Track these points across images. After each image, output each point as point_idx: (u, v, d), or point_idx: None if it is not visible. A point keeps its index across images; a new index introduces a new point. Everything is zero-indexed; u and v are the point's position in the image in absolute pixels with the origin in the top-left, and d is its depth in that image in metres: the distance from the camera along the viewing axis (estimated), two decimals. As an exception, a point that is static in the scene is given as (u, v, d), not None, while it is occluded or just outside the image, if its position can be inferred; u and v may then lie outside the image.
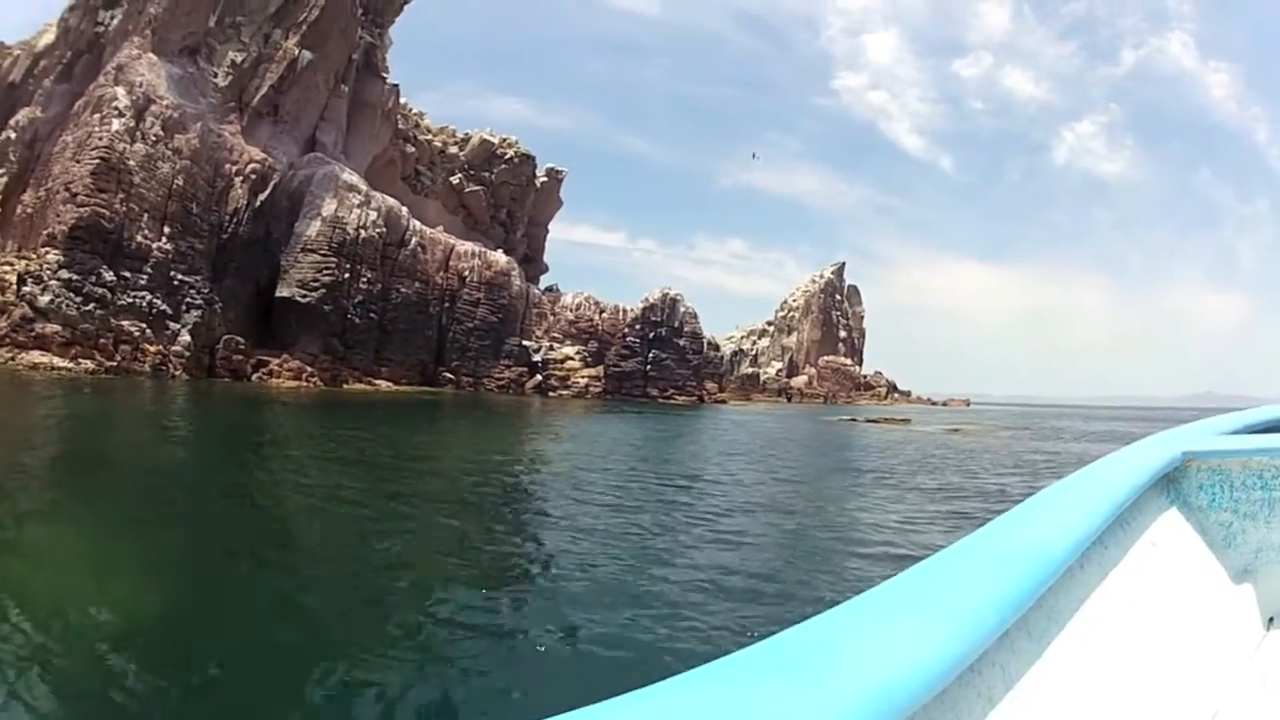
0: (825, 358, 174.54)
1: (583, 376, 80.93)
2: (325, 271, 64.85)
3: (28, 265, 53.90)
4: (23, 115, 64.77)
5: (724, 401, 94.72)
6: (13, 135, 63.74)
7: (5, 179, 62.39)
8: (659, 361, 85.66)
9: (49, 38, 68.75)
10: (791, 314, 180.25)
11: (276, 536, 13.21)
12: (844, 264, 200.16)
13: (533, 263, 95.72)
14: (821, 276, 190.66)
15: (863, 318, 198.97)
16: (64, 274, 52.51)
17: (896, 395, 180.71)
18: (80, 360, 50.58)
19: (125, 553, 11.17)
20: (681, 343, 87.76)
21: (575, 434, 37.68)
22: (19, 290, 52.37)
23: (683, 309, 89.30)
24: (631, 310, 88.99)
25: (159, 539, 12.16)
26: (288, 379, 60.97)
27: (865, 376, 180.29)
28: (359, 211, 68.04)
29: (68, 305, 51.69)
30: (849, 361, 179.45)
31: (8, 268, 55.01)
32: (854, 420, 69.20)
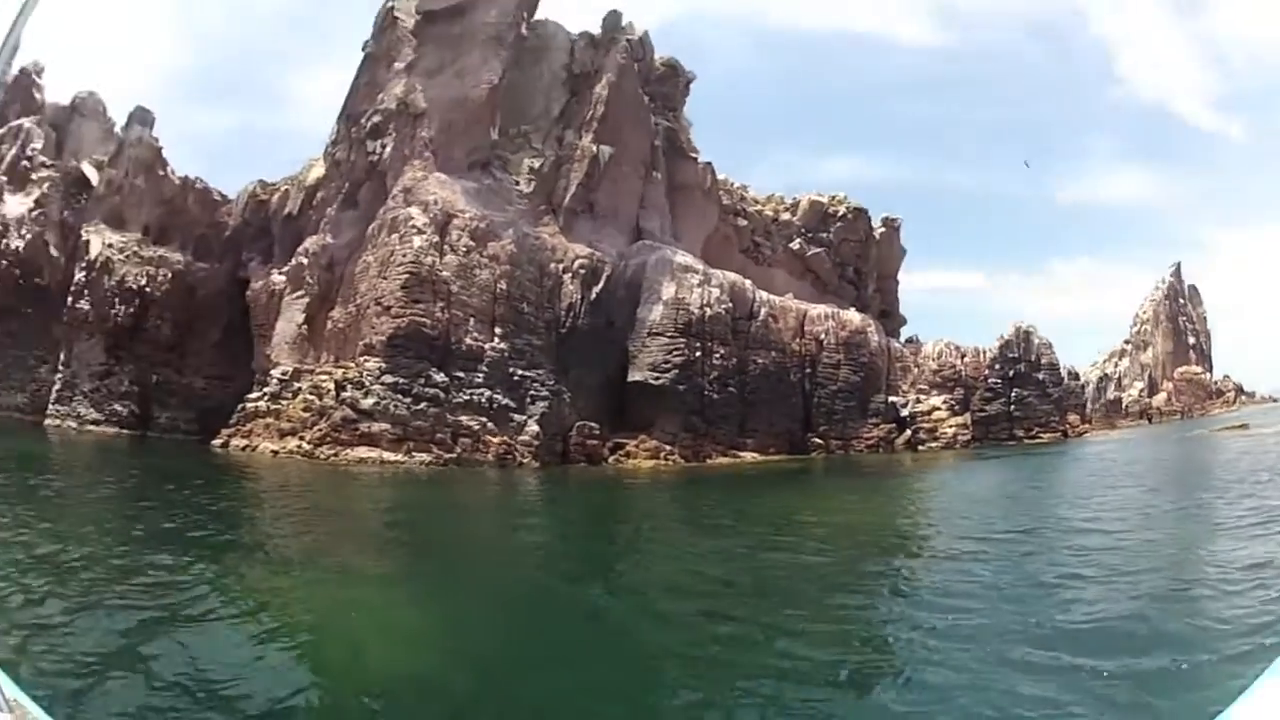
0: (1179, 369, 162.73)
1: (950, 426, 74.80)
2: (675, 353, 63.08)
3: (345, 373, 55.04)
4: (312, 243, 66.45)
5: (1084, 433, 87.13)
6: (305, 261, 65.49)
7: (308, 299, 64.16)
8: (1021, 400, 79.96)
9: (318, 172, 71.74)
10: (1144, 328, 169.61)
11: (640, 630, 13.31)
12: (1179, 264, 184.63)
13: (889, 316, 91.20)
14: (1164, 282, 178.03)
15: (1205, 319, 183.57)
16: (387, 378, 53.10)
17: (1243, 398, 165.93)
18: (413, 454, 50.89)
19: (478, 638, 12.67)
20: (1040, 376, 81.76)
21: (938, 489, 38.94)
22: (338, 395, 53.57)
23: (1037, 341, 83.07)
24: (989, 351, 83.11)
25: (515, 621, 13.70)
26: (644, 458, 59.56)
27: (1215, 383, 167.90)
28: (700, 291, 66.19)
29: (395, 406, 52.12)
30: (1199, 369, 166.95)
31: (325, 376, 56.77)
32: (1205, 433, 69.52)
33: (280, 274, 67.56)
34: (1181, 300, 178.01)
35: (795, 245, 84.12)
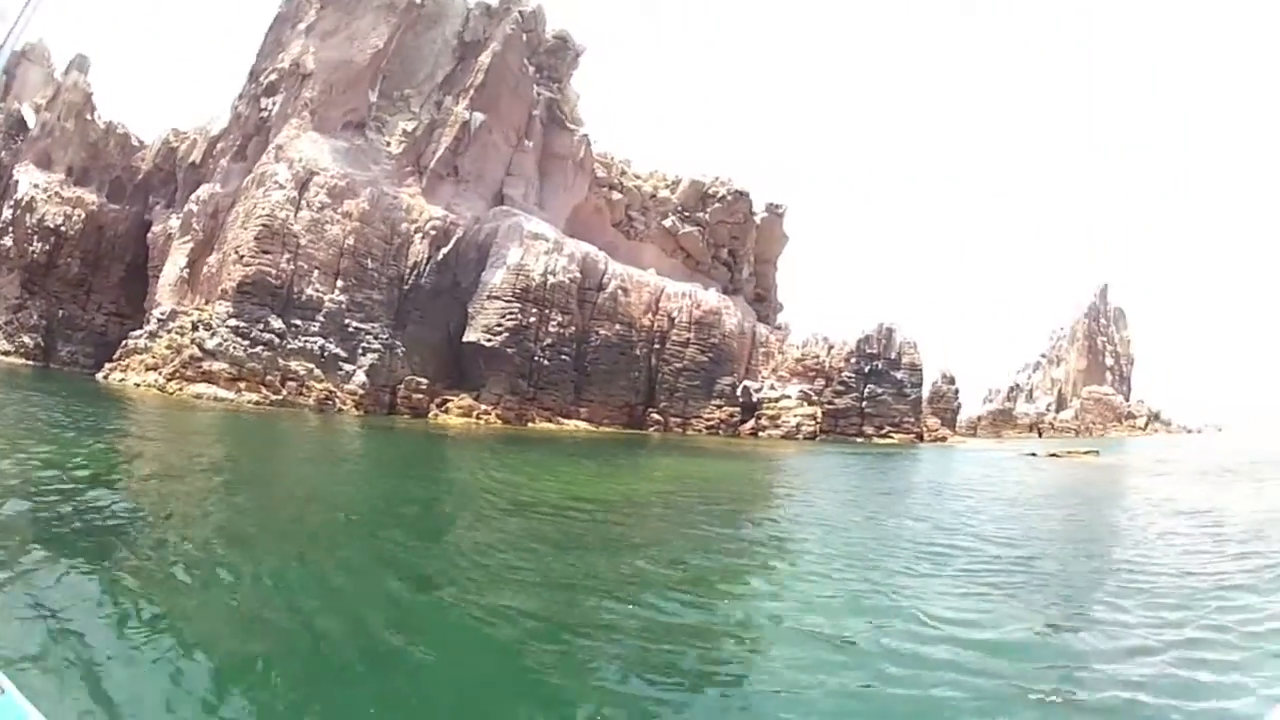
0: (1088, 388, 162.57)
1: (795, 415, 74.57)
2: (508, 317, 64.56)
3: (200, 315, 58.51)
4: (203, 191, 69.62)
5: (943, 438, 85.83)
6: (194, 208, 68.59)
7: (191, 245, 67.27)
8: (875, 397, 79.59)
9: (223, 123, 75.48)
10: (1060, 344, 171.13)
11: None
12: (1106, 285, 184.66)
13: (765, 301, 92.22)
14: (1085, 301, 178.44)
15: (1130, 343, 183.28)
16: (232, 322, 56.23)
17: (1157, 425, 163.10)
18: (243, 393, 53.61)
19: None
20: (899, 375, 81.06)
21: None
22: (191, 335, 56.54)
23: (900, 339, 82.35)
24: (846, 344, 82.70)
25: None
26: (457, 415, 61.29)
27: (1128, 406, 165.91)
28: (546, 258, 67.56)
29: (234, 347, 55.08)
30: (1111, 391, 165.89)
31: (186, 318, 59.58)
32: (1033, 454, 66.07)
33: (176, 219, 70.87)
34: (1103, 321, 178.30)
35: (668, 223, 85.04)
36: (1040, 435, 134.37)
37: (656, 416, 71.88)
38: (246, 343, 55.67)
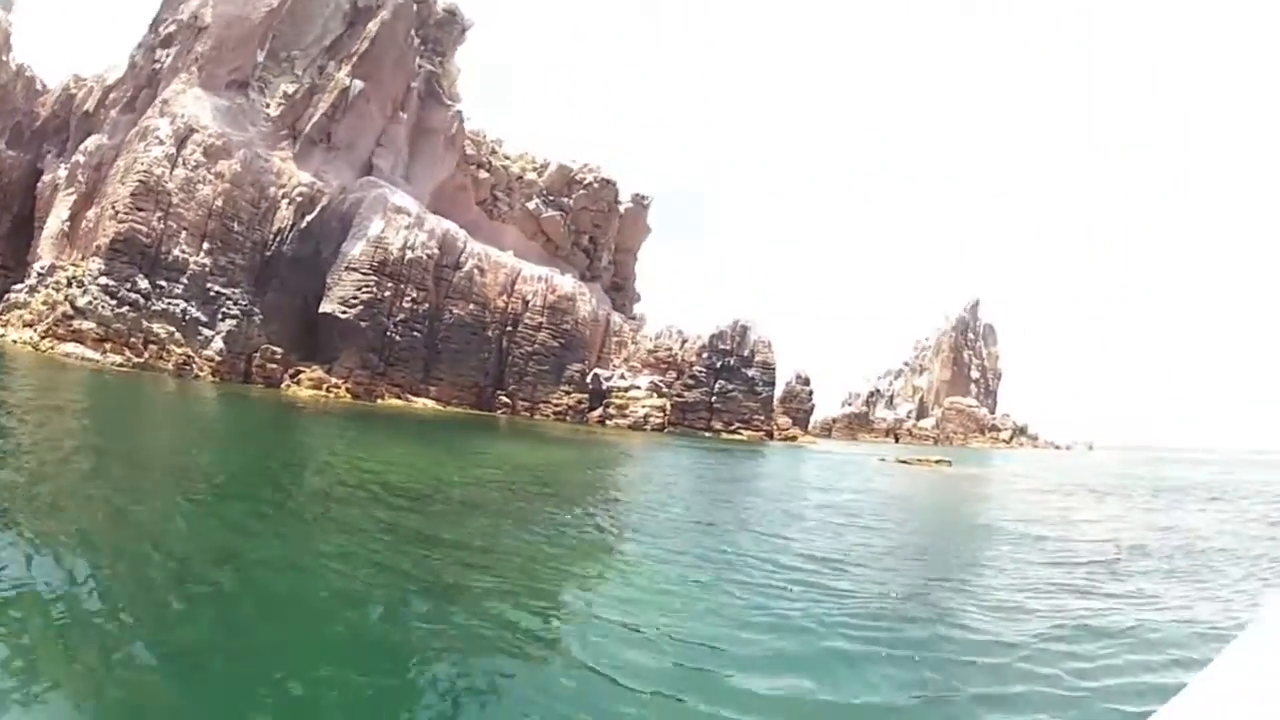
0: (950, 399, 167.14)
1: (643, 406, 76.64)
2: (364, 289, 65.67)
3: (75, 271, 59.27)
4: (91, 142, 69.31)
5: (795, 437, 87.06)
6: (81, 159, 68.26)
7: (74, 197, 66.88)
8: (724, 393, 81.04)
9: (119, 72, 74.64)
10: (924, 353, 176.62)
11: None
12: (978, 301, 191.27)
13: (622, 290, 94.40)
14: (954, 314, 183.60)
15: (998, 358, 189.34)
16: (103, 280, 57.15)
17: (1023, 439, 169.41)
18: (109, 354, 54.65)
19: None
20: (751, 373, 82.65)
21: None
22: (65, 292, 57.35)
23: (754, 338, 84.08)
24: (700, 338, 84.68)
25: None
26: (307, 388, 62.29)
27: (992, 419, 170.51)
28: (406, 233, 68.63)
29: (103, 306, 56.05)
30: (975, 403, 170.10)
31: (63, 274, 60.11)
32: (882, 460, 64.35)
33: (65, 169, 69.97)
34: (971, 335, 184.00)
35: (532, 205, 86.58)
36: (897, 441, 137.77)
37: (505, 399, 73.66)
38: (114, 302, 56.60)
